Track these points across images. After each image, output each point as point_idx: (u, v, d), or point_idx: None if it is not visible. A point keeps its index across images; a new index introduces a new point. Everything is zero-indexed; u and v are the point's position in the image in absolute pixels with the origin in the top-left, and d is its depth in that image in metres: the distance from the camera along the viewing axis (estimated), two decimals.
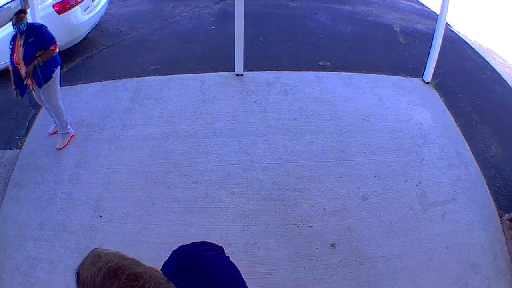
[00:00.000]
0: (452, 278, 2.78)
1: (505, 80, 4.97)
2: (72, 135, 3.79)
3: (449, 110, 4.21)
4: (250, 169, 3.46)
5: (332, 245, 2.91)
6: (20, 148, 3.80)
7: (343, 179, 3.38)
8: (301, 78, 4.56)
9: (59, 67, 3.61)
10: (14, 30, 3.37)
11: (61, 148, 3.70)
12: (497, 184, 3.47)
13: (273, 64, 4.86)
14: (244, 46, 4.39)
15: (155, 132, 3.85)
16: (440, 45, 4.41)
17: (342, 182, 3.35)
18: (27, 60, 3.34)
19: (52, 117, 3.78)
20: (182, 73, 4.70)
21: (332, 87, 4.45)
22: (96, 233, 2.97)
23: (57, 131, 3.84)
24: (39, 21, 4.21)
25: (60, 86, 3.57)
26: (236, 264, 1.11)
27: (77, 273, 0.81)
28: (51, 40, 3.42)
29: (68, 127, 3.76)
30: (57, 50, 3.51)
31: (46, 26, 3.46)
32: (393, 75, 4.75)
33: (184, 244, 1.18)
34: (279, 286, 2.70)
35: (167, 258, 1.14)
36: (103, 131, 3.90)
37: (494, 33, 6.15)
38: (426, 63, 4.61)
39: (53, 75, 3.51)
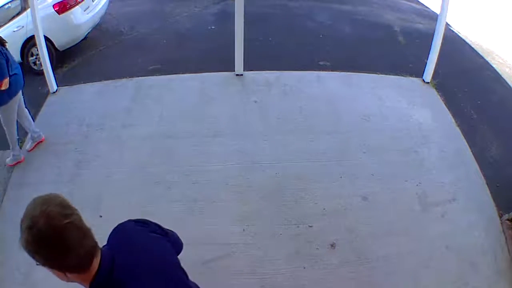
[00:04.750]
0: (452, 277, 2.78)
1: (505, 80, 4.97)
2: (20, 161, 3.63)
3: (449, 110, 4.21)
4: (250, 169, 3.46)
5: (332, 245, 2.91)
6: (20, 148, 3.79)
7: (343, 179, 3.37)
8: (301, 78, 4.56)
9: (13, 97, 3.33)
10: None
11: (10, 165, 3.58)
12: (497, 184, 3.46)
13: (273, 64, 4.85)
14: (244, 46, 4.39)
15: (155, 132, 3.84)
16: (440, 45, 4.40)
17: (342, 182, 3.35)
18: None
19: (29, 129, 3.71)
20: (182, 73, 4.70)
21: (332, 87, 4.45)
22: (96, 233, 2.95)
23: (35, 147, 3.76)
24: (39, 21, 4.21)
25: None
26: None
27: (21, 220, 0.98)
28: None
29: (17, 154, 3.60)
30: (4, 87, 3.16)
31: (3, 59, 3.15)
32: (393, 75, 4.75)
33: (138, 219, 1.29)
34: (279, 286, 2.70)
35: None
36: (103, 131, 3.90)
37: (494, 33, 6.15)
38: (426, 63, 4.61)
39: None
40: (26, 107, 3.67)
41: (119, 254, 1.10)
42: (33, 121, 3.86)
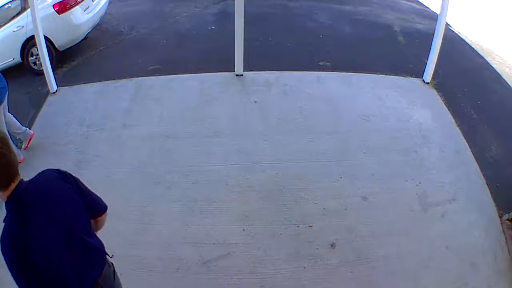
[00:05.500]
0: (452, 277, 2.78)
1: (505, 80, 4.96)
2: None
3: (449, 110, 4.21)
4: (250, 169, 3.46)
5: (332, 245, 2.91)
6: (20, 148, 3.79)
7: (343, 179, 3.37)
8: (301, 78, 4.56)
9: None
10: None
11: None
12: (497, 184, 3.46)
13: (273, 64, 4.85)
14: (244, 46, 4.39)
15: (155, 132, 3.84)
16: (440, 45, 4.40)
17: (342, 182, 3.35)
18: None
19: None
20: (182, 73, 4.70)
21: (332, 87, 4.45)
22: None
23: (29, 143, 3.79)
24: (39, 21, 4.20)
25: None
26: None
27: None
28: None
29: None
30: None
31: None
32: (393, 75, 4.74)
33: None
34: (279, 286, 2.70)
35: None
36: (103, 131, 3.90)
37: (494, 33, 6.15)
38: (426, 63, 4.61)
39: None
40: (10, 112, 3.65)
41: (35, 189, 1.49)
42: (21, 123, 3.79)
